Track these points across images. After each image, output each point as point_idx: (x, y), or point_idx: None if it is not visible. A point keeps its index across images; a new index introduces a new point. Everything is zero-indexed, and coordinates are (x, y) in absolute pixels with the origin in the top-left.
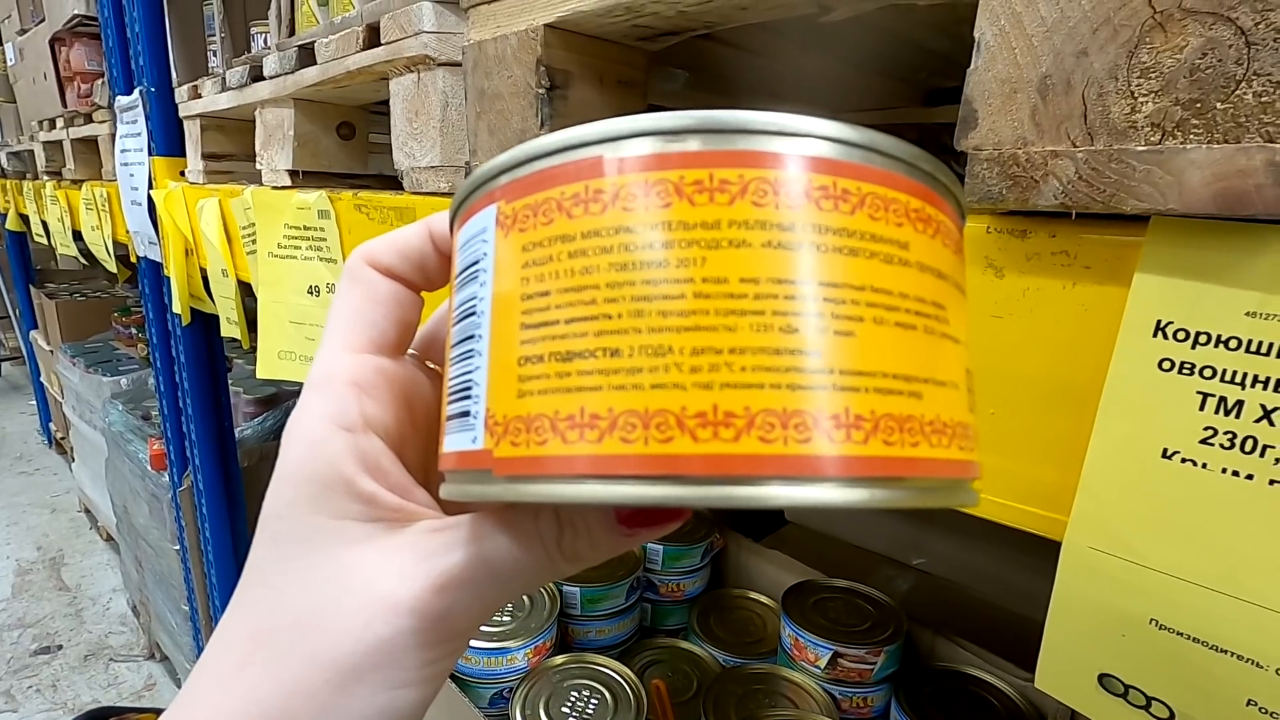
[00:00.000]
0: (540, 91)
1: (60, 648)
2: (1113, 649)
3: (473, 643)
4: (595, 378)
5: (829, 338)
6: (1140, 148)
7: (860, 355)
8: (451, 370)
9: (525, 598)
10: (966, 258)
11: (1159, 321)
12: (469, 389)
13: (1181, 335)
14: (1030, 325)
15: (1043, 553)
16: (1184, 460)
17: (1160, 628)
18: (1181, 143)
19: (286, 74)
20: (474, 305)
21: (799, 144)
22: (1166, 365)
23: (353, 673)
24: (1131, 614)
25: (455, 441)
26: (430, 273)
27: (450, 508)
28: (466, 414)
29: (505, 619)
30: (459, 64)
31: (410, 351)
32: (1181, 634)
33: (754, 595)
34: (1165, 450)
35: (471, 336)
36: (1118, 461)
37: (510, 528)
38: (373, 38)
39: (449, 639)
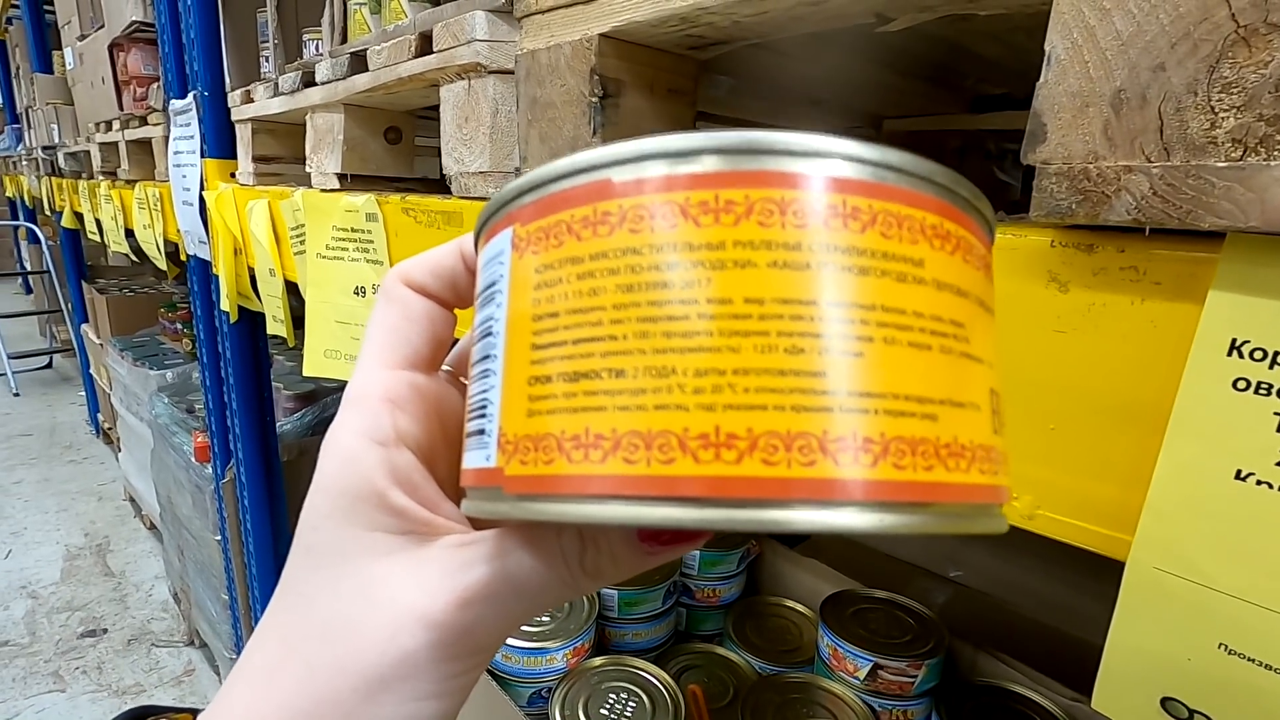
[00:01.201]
0: (593, 100)
1: (105, 631)
2: (1178, 672)
3: (513, 641)
4: (601, 398)
5: (836, 358)
6: (1220, 164)
7: (869, 376)
8: (471, 388)
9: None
10: (1028, 271)
11: (1234, 340)
12: (485, 407)
13: (1259, 354)
14: (1095, 341)
15: (1086, 569)
16: (1259, 482)
17: (1229, 652)
18: (1266, 159)
19: (338, 80)
20: (491, 325)
21: (807, 164)
22: (1242, 385)
23: (379, 683)
24: (1199, 637)
25: (473, 459)
26: (462, 291)
27: (478, 523)
28: (482, 432)
29: (545, 620)
30: (510, 72)
31: (444, 367)
32: (1252, 659)
33: (790, 603)
34: (1239, 472)
35: (488, 356)
36: (1187, 481)
37: (533, 544)
38: (425, 45)
39: (473, 653)
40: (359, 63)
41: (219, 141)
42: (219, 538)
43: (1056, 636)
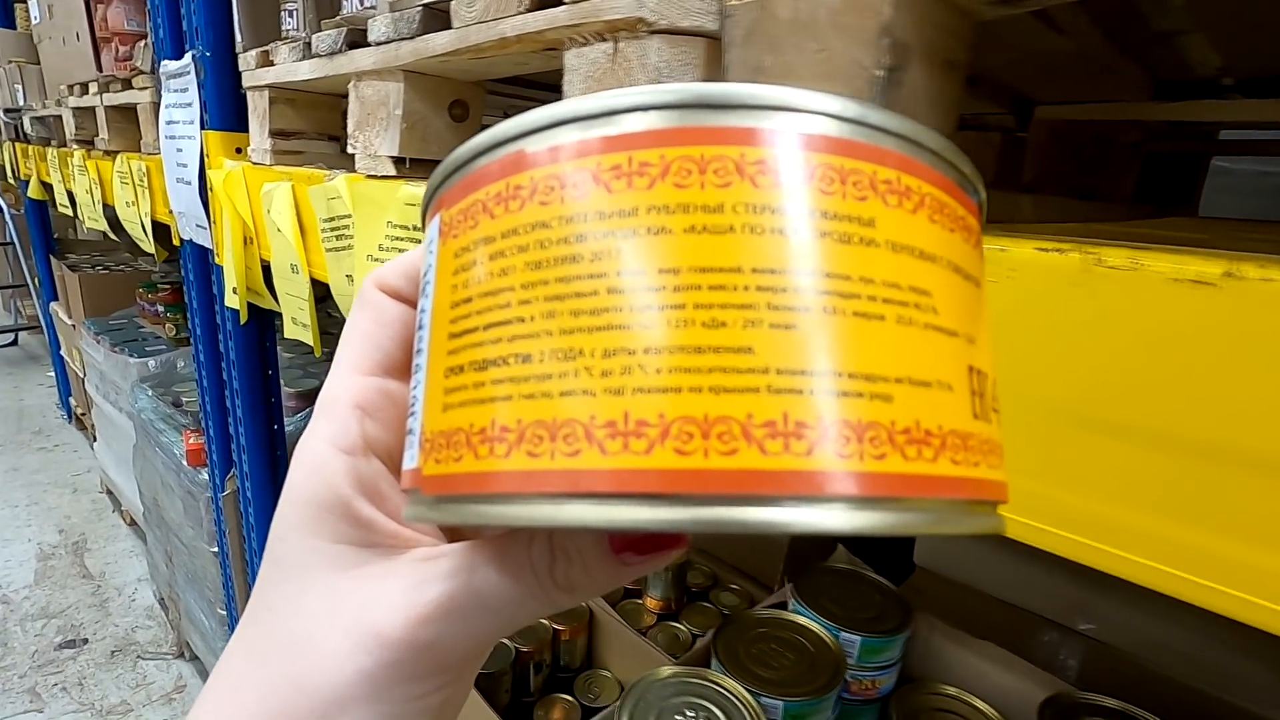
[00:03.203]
0: (879, 74)
1: (86, 641)
2: None
3: None
4: (506, 386)
5: (763, 331)
6: None
7: (803, 351)
8: (409, 385)
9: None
10: None
11: None
12: (413, 405)
13: None
14: None
15: (1246, 629)
16: None
17: None
18: None
19: (402, 40)
20: (421, 318)
21: (735, 116)
22: None
23: (336, 703)
24: None
25: (406, 460)
26: None
27: (450, 534)
28: (411, 431)
29: None
30: (680, 32)
31: None
32: None
33: (967, 698)
34: None
35: (419, 351)
36: None
37: (500, 558)
38: None
39: (436, 672)
40: (436, 18)
41: (224, 111)
42: (216, 550)
43: (1214, 704)
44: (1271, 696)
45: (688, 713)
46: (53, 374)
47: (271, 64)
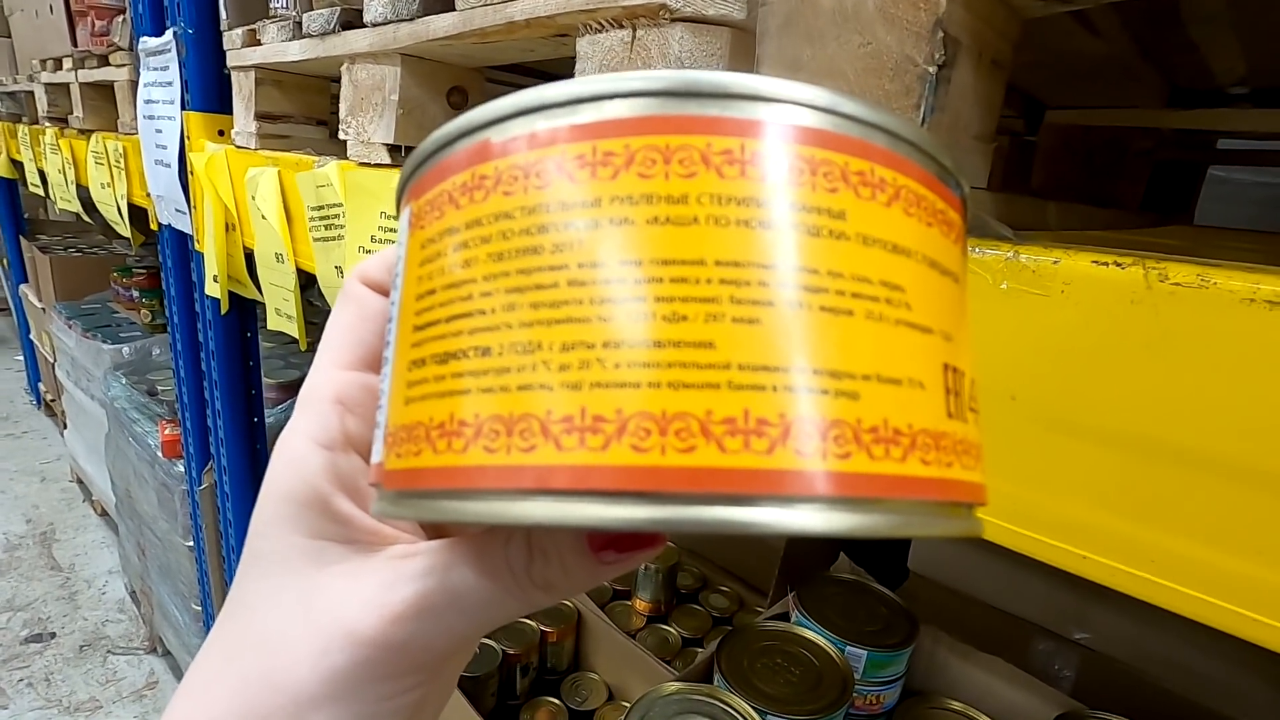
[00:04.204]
0: (930, 70)
1: (54, 635)
2: None
3: None
4: (466, 380)
5: (725, 326)
6: None
7: (767, 346)
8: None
9: None
10: None
11: None
12: (381, 399)
13: None
14: None
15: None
16: None
17: None
18: None
19: (401, 21)
20: (391, 310)
21: (707, 105)
22: None
23: (309, 701)
24: None
25: (373, 454)
26: None
27: (430, 531)
28: (378, 425)
29: None
30: (704, 21)
31: None
32: None
33: (973, 713)
34: None
35: (388, 343)
36: None
37: (477, 556)
38: None
39: (410, 671)
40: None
41: (206, 91)
42: (191, 544)
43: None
44: (1271, 712)
45: None
46: (21, 358)
47: (259, 43)
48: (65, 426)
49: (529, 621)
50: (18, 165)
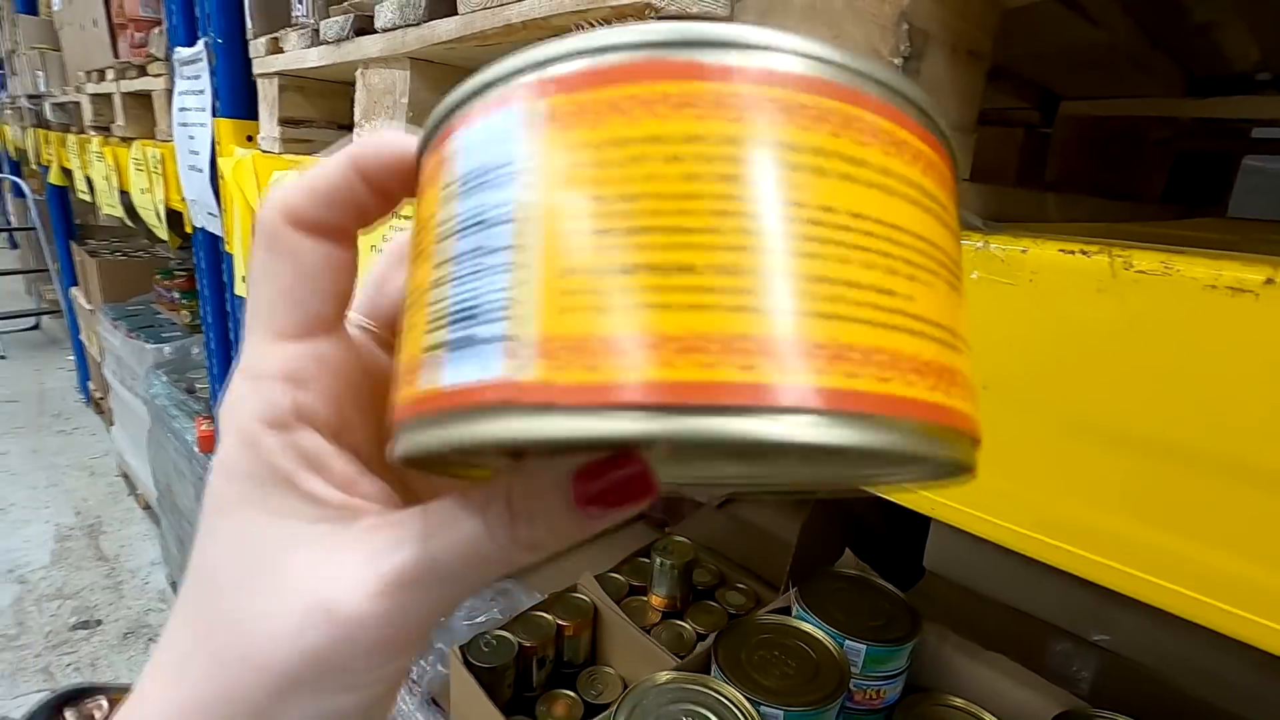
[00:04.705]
0: (896, 62)
1: (99, 623)
2: None
3: None
4: (651, 294)
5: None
6: None
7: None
8: (444, 293)
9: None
10: None
11: None
12: (482, 308)
13: None
14: None
15: None
16: None
17: None
18: None
19: (408, 26)
20: (496, 213)
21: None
22: None
23: (289, 680)
24: None
25: (459, 373)
26: (367, 212)
27: (406, 496)
28: (478, 338)
29: None
30: (692, 18)
31: (356, 316)
32: None
33: (975, 710)
34: None
35: (488, 250)
36: None
37: (460, 522)
38: None
39: (391, 645)
40: (442, 3)
41: (235, 98)
42: None
43: None
44: None
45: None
46: (72, 358)
47: (281, 51)
48: (112, 423)
49: (546, 615)
50: (67, 173)
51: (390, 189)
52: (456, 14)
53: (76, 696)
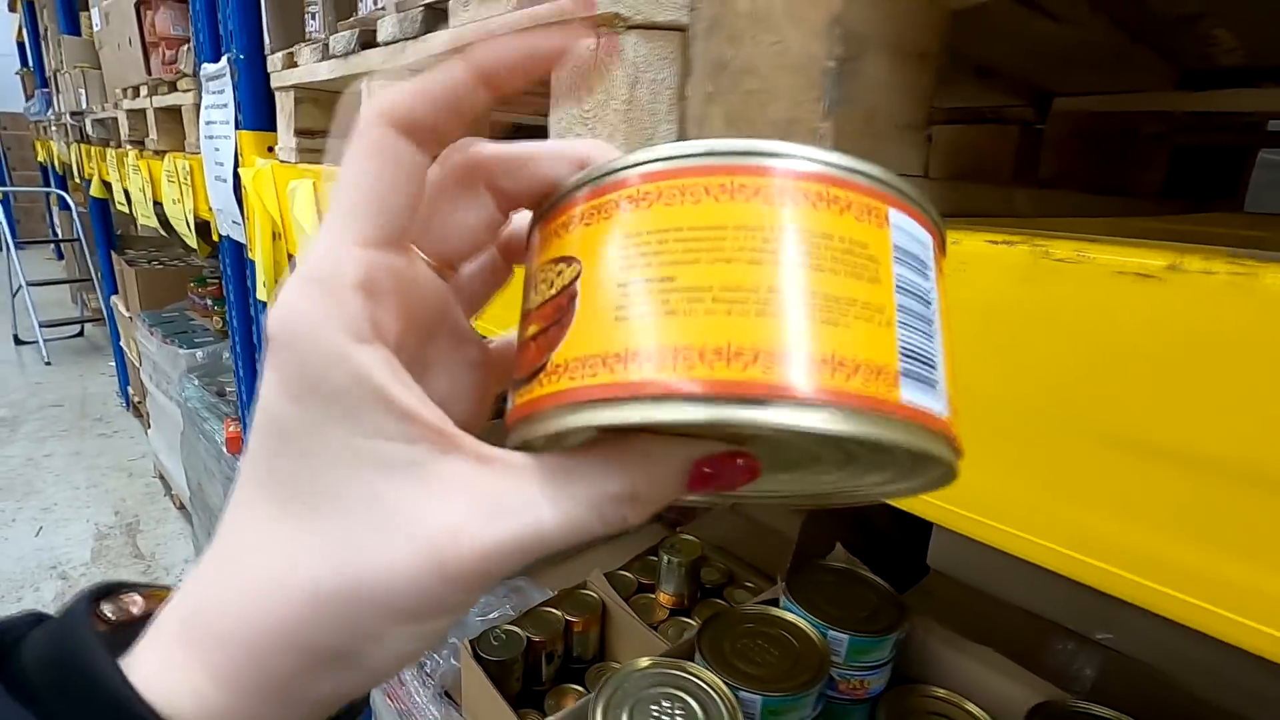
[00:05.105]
0: (830, 65)
1: None
2: None
3: None
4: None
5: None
6: None
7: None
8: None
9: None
10: None
11: None
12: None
13: None
14: None
15: None
16: None
17: None
18: None
19: (407, 40)
20: (927, 296)
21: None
22: None
23: (394, 615)
24: None
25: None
26: (475, 119)
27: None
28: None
29: None
30: (658, 27)
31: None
32: None
33: (959, 701)
34: None
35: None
36: None
37: (575, 494)
38: None
39: (487, 589)
40: (436, 17)
41: (256, 111)
42: None
43: None
44: None
45: (664, 704)
46: (114, 364)
47: (296, 65)
48: (149, 426)
49: (555, 611)
50: (107, 186)
51: (513, 87)
52: (448, 26)
53: (112, 590)
